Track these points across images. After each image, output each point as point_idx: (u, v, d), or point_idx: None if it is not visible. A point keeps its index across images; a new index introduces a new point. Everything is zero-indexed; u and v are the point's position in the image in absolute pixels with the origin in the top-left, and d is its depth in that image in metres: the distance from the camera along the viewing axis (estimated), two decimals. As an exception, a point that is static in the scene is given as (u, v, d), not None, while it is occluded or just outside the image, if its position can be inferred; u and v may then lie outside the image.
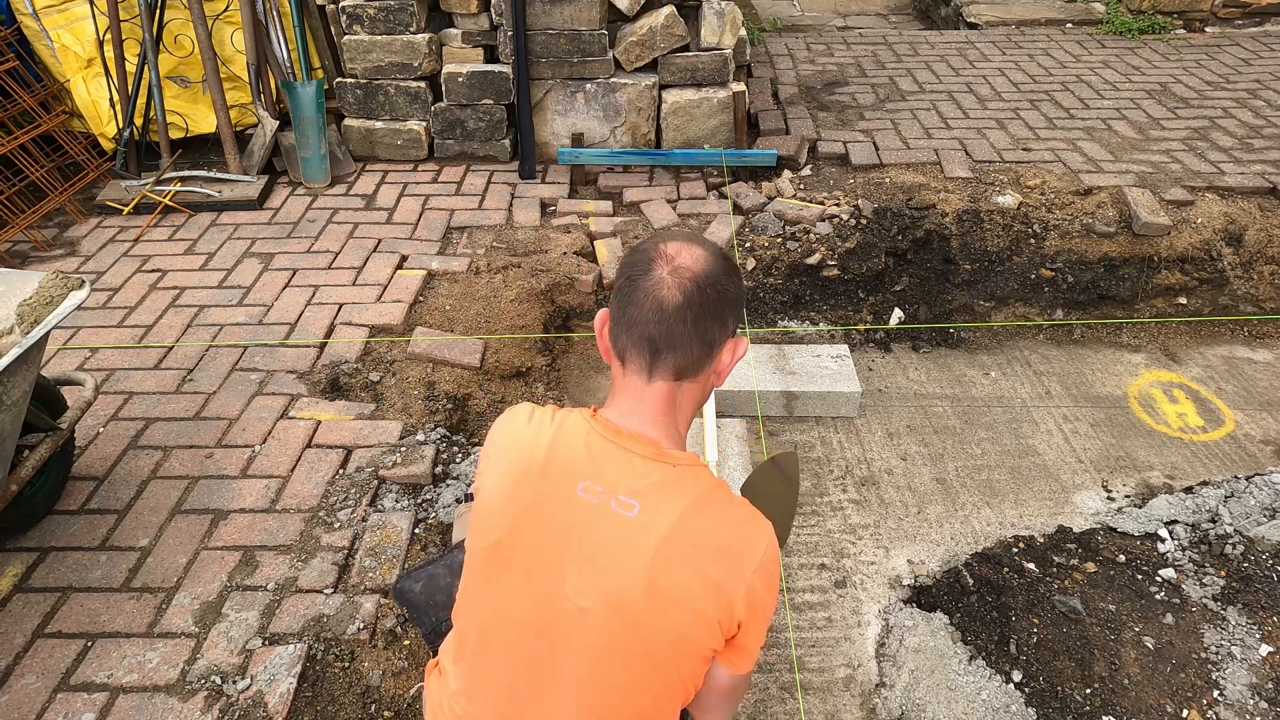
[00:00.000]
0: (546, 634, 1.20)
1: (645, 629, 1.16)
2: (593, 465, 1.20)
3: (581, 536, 1.18)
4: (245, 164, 4.31)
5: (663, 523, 1.16)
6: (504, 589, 1.23)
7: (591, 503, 1.18)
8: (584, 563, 1.17)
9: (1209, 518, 2.75)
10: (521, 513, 1.21)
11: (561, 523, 1.19)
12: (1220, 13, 6.17)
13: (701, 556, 1.16)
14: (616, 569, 1.16)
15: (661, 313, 1.17)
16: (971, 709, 2.35)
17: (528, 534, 1.21)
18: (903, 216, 3.94)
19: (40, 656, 2.10)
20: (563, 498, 1.20)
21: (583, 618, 1.17)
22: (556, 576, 1.19)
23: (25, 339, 2.06)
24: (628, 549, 1.16)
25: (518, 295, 3.49)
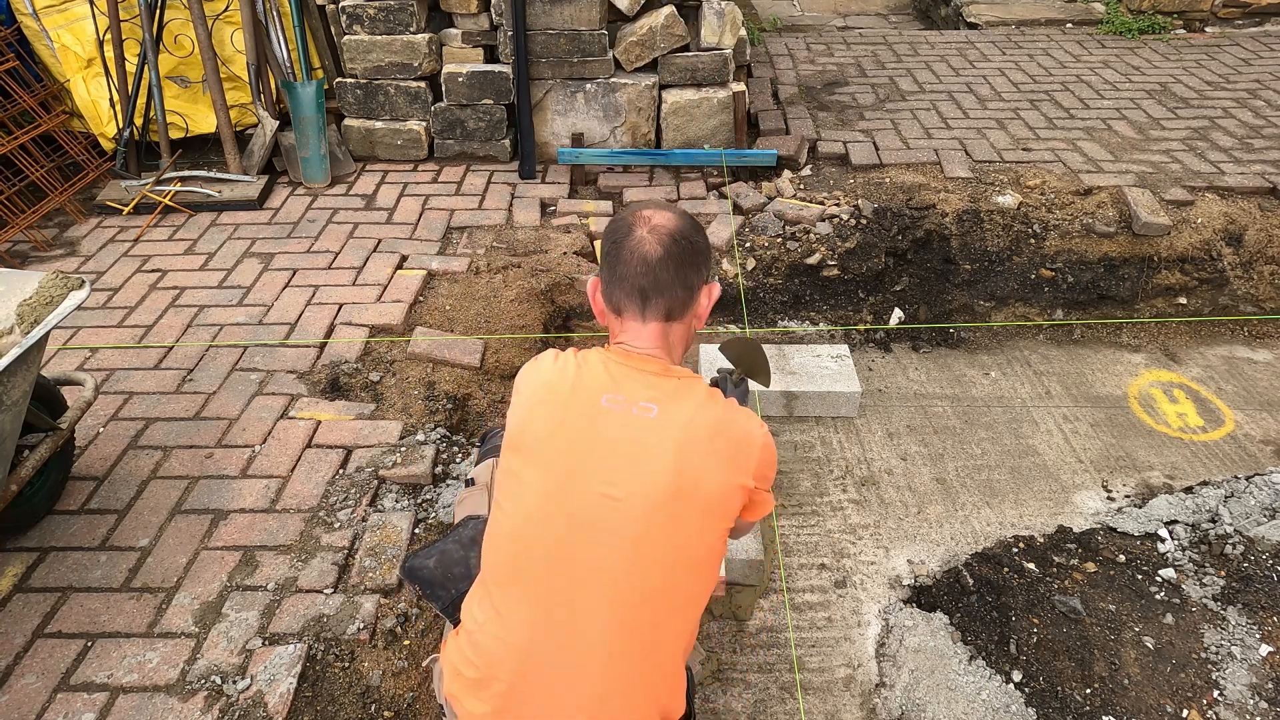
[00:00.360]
0: (580, 527, 1.34)
1: (678, 507, 1.34)
2: (613, 382, 1.41)
3: (609, 438, 1.36)
4: (245, 164, 4.31)
5: (680, 420, 1.37)
6: (538, 493, 1.37)
7: (615, 410, 1.38)
8: (615, 459, 1.35)
9: (1209, 518, 2.75)
10: (552, 425, 1.39)
11: (589, 428, 1.38)
12: (1220, 13, 6.17)
13: (716, 442, 1.38)
14: (647, 460, 1.34)
15: (647, 265, 1.41)
16: (971, 709, 2.35)
17: (558, 441, 1.38)
18: (903, 216, 3.94)
19: (40, 656, 2.10)
20: (589, 408, 1.39)
21: (617, 507, 1.33)
22: (588, 474, 1.35)
23: (25, 339, 2.06)
24: (655, 443, 1.35)
25: (518, 295, 3.49)
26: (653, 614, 1.35)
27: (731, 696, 2.46)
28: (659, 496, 1.33)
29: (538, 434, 1.40)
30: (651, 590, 1.34)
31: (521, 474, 1.40)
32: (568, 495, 1.35)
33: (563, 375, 1.44)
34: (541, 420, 1.41)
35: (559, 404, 1.41)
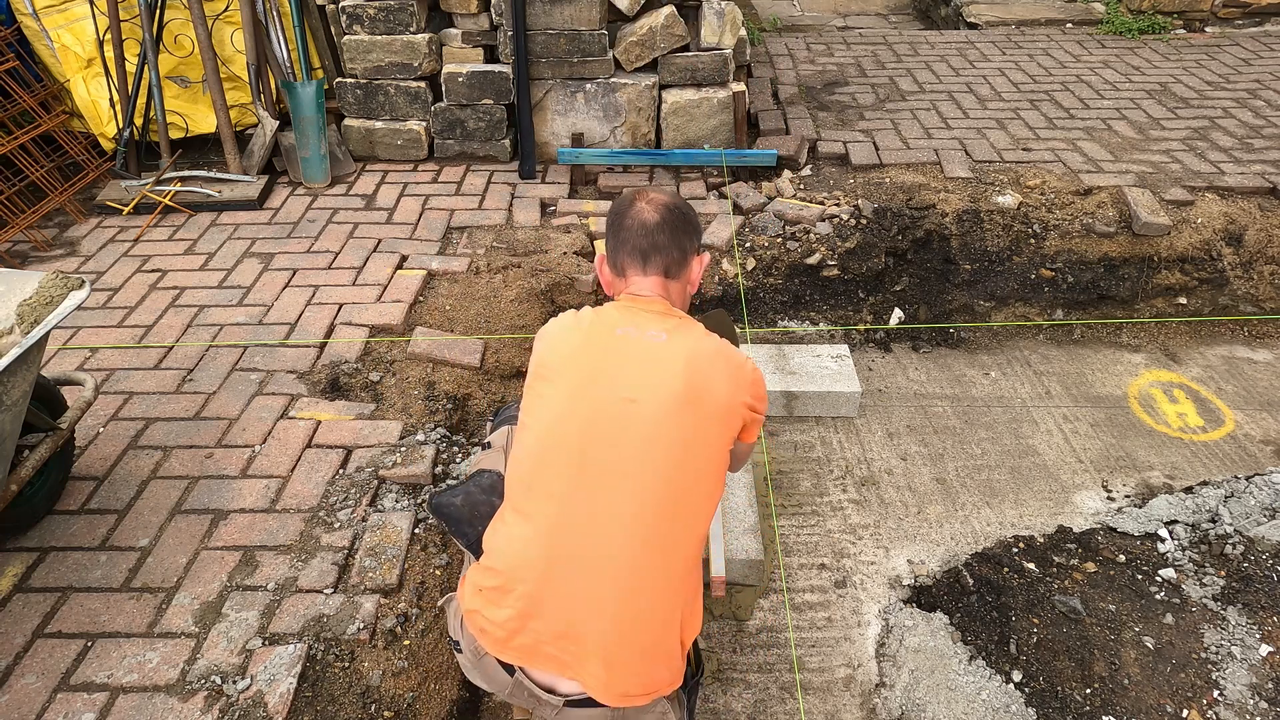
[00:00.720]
0: (601, 426, 1.51)
1: (689, 410, 1.53)
2: (625, 318, 1.64)
3: (624, 357, 1.57)
4: (245, 164, 4.31)
5: (687, 343, 1.60)
6: (561, 400, 1.56)
7: (630, 336, 1.60)
8: (631, 372, 1.55)
9: (1209, 518, 2.75)
10: (573, 349, 1.61)
11: (606, 350, 1.59)
12: (1220, 13, 6.17)
13: (718, 361, 1.60)
14: (661, 372, 1.55)
15: (646, 229, 1.68)
16: (971, 709, 2.35)
17: (579, 361, 1.59)
18: (903, 216, 3.94)
19: (40, 656, 2.10)
20: (605, 336, 1.61)
21: (634, 409, 1.51)
22: (606, 382, 1.54)
23: (25, 339, 2.06)
24: (666, 360, 1.56)
25: (518, 295, 3.49)
26: (669, 507, 1.49)
27: (731, 696, 2.46)
28: (672, 399, 1.51)
29: (560, 358, 1.60)
30: (666, 483, 1.49)
31: (544, 391, 1.58)
32: (589, 400, 1.53)
33: (579, 317, 1.67)
34: (563, 348, 1.62)
35: (578, 336, 1.63)
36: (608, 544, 1.46)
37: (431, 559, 2.42)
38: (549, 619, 1.46)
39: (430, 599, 2.34)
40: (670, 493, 1.49)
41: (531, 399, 1.61)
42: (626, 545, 1.46)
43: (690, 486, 1.52)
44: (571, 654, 1.46)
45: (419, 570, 2.38)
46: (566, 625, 1.45)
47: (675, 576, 1.51)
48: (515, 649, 1.48)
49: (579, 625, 1.45)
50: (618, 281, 1.74)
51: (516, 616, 1.47)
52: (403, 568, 2.35)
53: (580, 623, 1.45)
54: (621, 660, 1.45)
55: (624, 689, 1.46)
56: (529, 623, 1.47)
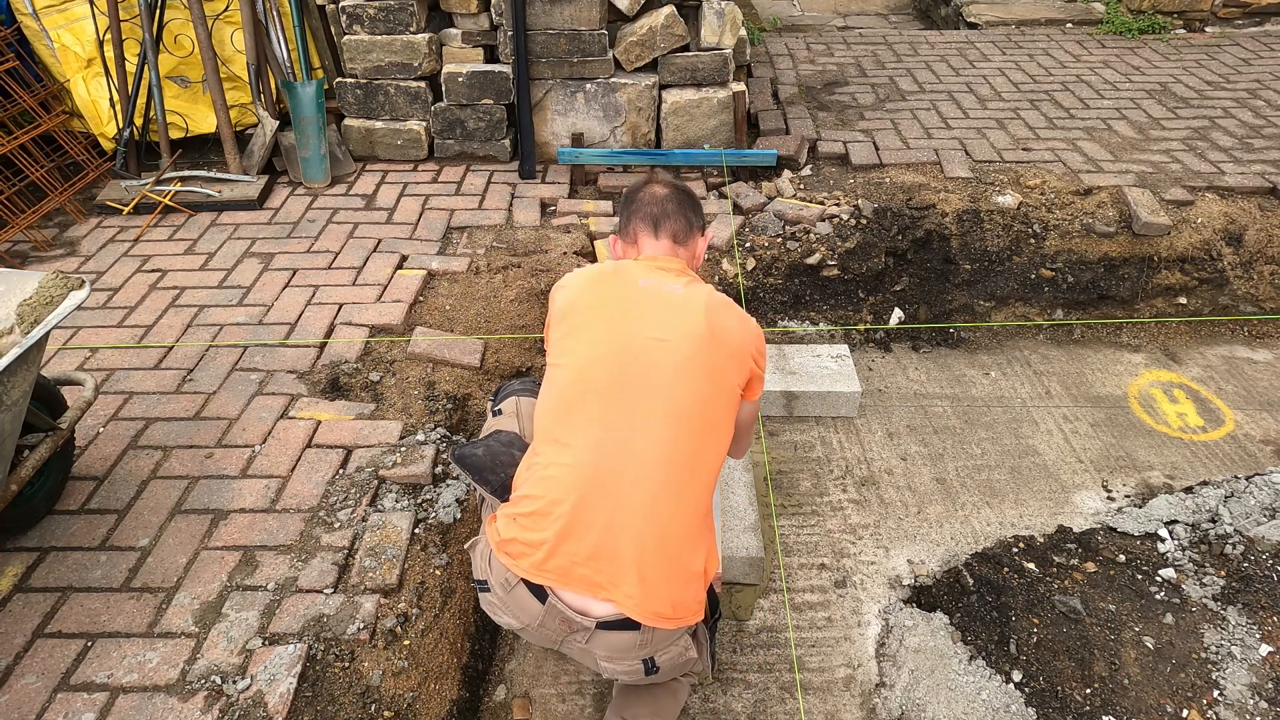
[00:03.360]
0: (635, 359, 1.65)
1: (712, 346, 1.69)
2: (644, 273, 1.79)
3: (648, 304, 1.72)
4: (245, 164, 4.31)
5: (703, 293, 1.77)
6: (591, 341, 1.69)
7: (650, 288, 1.75)
8: (656, 315, 1.70)
9: (1209, 518, 2.75)
10: (599, 297, 1.76)
11: (630, 298, 1.74)
12: (1220, 13, 6.17)
13: (730, 313, 1.78)
14: (684, 316, 1.71)
15: (656, 199, 1.92)
16: (971, 709, 2.35)
17: (607, 306, 1.73)
18: (903, 216, 3.94)
19: (40, 656, 2.10)
20: (629, 285, 1.76)
21: (663, 345, 1.66)
22: (636, 323, 1.69)
23: (25, 339, 2.06)
24: (688, 306, 1.73)
25: (518, 295, 3.49)
26: (697, 434, 1.64)
27: (731, 696, 2.46)
28: (697, 338, 1.67)
29: (588, 304, 1.74)
30: (696, 413, 1.63)
31: (576, 331, 1.71)
32: (621, 337, 1.67)
33: (601, 269, 1.82)
34: (589, 295, 1.76)
35: (602, 286, 1.77)
36: (642, 464, 1.58)
37: (431, 559, 2.42)
38: (585, 539, 1.55)
39: (430, 599, 2.34)
40: (698, 423, 1.64)
41: (562, 340, 1.73)
42: (660, 466, 1.58)
43: (714, 420, 1.67)
44: (605, 575, 1.55)
45: (419, 570, 2.38)
46: (602, 543, 1.55)
47: (700, 501, 1.64)
48: (551, 570, 1.56)
49: (616, 540, 1.54)
50: (630, 249, 1.93)
51: (555, 536, 1.56)
52: (403, 568, 2.35)
53: (616, 538, 1.54)
54: (655, 574, 1.55)
55: (656, 607, 1.56)
56: (564, 544, 1.55)
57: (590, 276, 1.81)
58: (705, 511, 1.66)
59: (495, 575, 1.66)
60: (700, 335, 1.67)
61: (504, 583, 1.63)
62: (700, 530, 1.64)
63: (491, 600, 1.71)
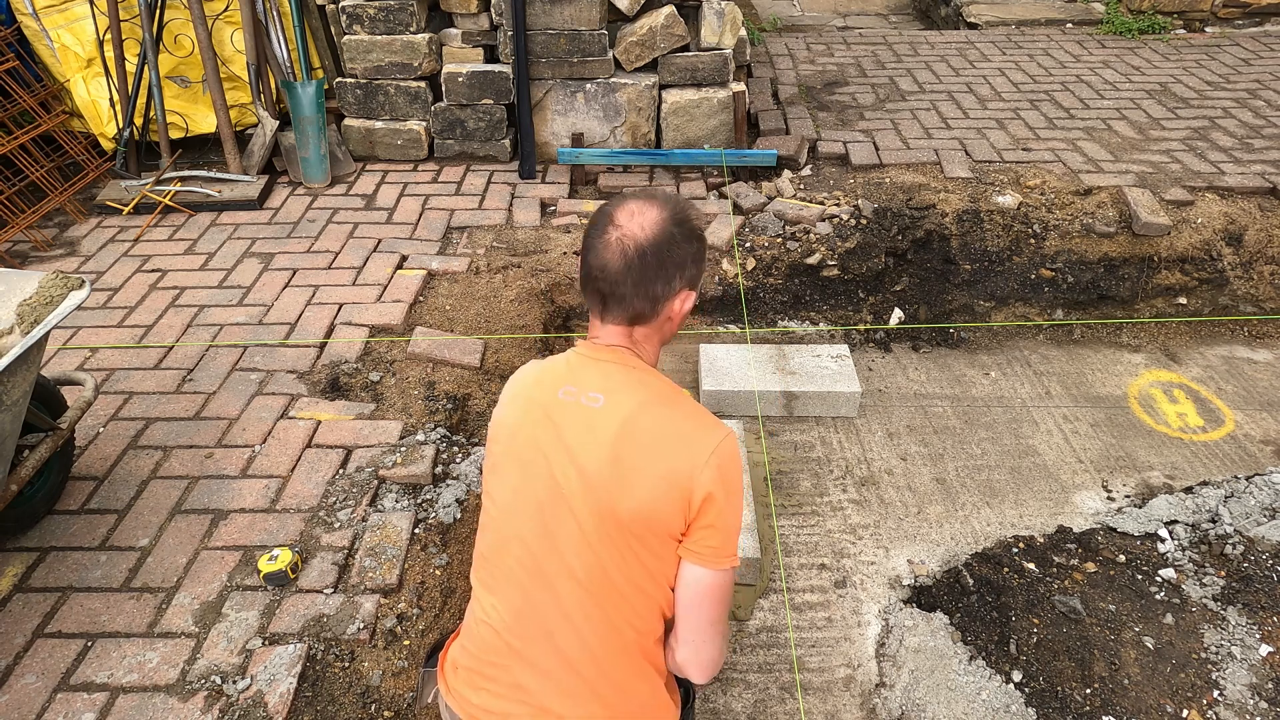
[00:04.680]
0: (546, 513, 1.35)
1: (615, 502, 1.30)
2: (570, 375, 1.40)
3: (561, 428, 1.35)
4: (245, 164, 4.31)
5: (623, 410, 1.33)
6: (508, 484, 1.40)
7: (567, 401, 1.37)
8: (564, 448, 1.34)
9: (1209, 518, 2.75)
10: (517, 418, 1.42)
11: (545, 420, 1.37)
12: (1220, 13, 6.17)
13: (658, 440, 1.31)
14: (586, 449, 1.32)
15: (605, 272, 1.33)
16: (971, 709, 2.35)
17: (522, 435, 1.40)
18: (903, 216, 3.94)
19: (40, 656, 2.10)
20: (547, 401, 1.39)
21: (568, 496, 1.33)
22: (546, 464, 1.35)
23: (25, 339, 2.06)
24: (595, 431, 1.33)
25: (518, 295, 3.49)
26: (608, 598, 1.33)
27: (731, 696, 2.46)
28: (601, 489, 1.30)
29: (508, 428, 1.43)
30: (596, 575, 1.32)
31: (497, 466, 1.44)
32: (530, 485, 1.37)
33: (529, 374, 1.47)
34: (510, 415, 1.44)
35: (524, 397, 1.43)
36: (561, 634, 1.35)
37: (431, 559, 2.42)
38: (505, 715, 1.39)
39: (430, 599, 2.34)
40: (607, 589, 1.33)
41: (488, 472, 1.47)
42: (577, 637, 1.34)
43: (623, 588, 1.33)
44: None
45: (419, 570, 2.38)
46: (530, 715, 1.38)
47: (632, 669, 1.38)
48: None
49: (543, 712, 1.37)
50: None
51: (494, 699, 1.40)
52: (403, 568, 2.35)
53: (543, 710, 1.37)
54: None
55: None
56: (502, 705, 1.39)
57: (519, 381, 1.47)
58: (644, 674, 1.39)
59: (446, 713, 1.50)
60: (602, 479, 1.30)
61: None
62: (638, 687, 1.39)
63: None
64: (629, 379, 1.36)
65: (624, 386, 1.35)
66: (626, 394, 1.34)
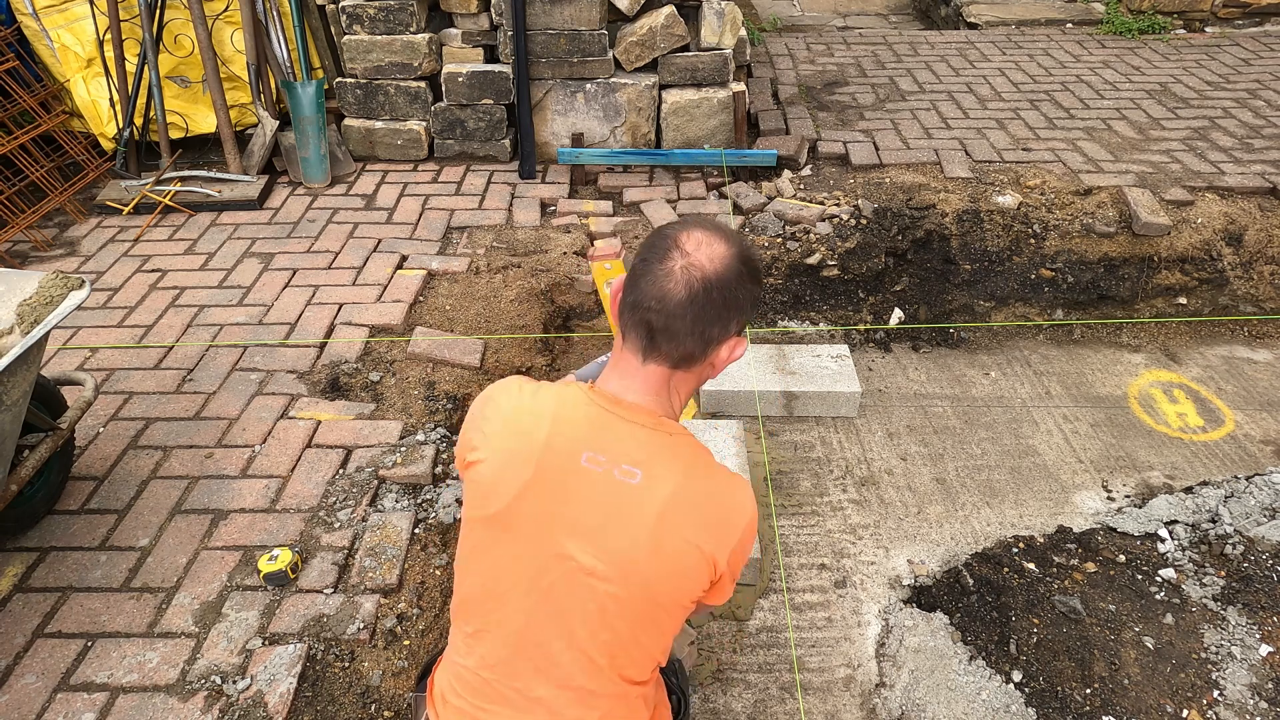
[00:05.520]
0: (551, 592, 1.25)
1: (650, 585, 1.24)
2: (595, 436, 1.25)
3: (587, 502, 1.23)
4: (245, 164, 4.31)
5: (664, 490, 1.23)
6: (507, 553, 1.27)
7: (596, 472, 1.24)
8: (591, 526, 1.23)
9: (1209, 518, 2.75)
10: (525, 482, 1.25)
11: (566, 489, 1.24)
12: (1220, 13, 6.17)
13: (698, 521, 1.24)
14: (624, 531, 1.22)
15: (664, 304, 1.19)
16: (971, 709, 2.35)
17: (531, 501, 1.25)
18: (903, 216, 3.94)
19: (40, 656, 2.10)
20: (568, 467, 1.24)
21: (589, 576, 1.23)
22: (561, 539, 1.24)
23: (25, 339, 2.06)
24: (634, 513, 1.22)
25: (518, 295, 3.49)
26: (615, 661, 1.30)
27: (731, 696, 2.46)
28: (633, 569, 1.23)
29: (508, 492, 1.26)
30: (615, 645, 1.28)
31: (486, 537, 1.30)
32: (541, 557, 1.25)
33: (537, 422, 1.27)
34: (512, 478, 1.26)
35: (533, 458, 1.25)
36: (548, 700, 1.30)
37: (431, 559, 2.42)
38: None
39: (430, 599, 2.34)
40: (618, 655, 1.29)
41: (476, 535, 1.31)
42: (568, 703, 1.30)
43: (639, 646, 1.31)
44: None
45: (419, 570, 2.38)
46: None
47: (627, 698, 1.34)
48: None
49: None
50: (618, 337, 1.31)
51: None
52: (403, 568, 2.35)
53: None
54: None
55: None
56: None
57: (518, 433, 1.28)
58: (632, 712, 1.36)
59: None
60: (640, 563, 1.22)
61: None
62: None
63: None
64: (664, 447, 1.26)
65: (660, 457, 1.25)
66: (664, 467, 1.24)
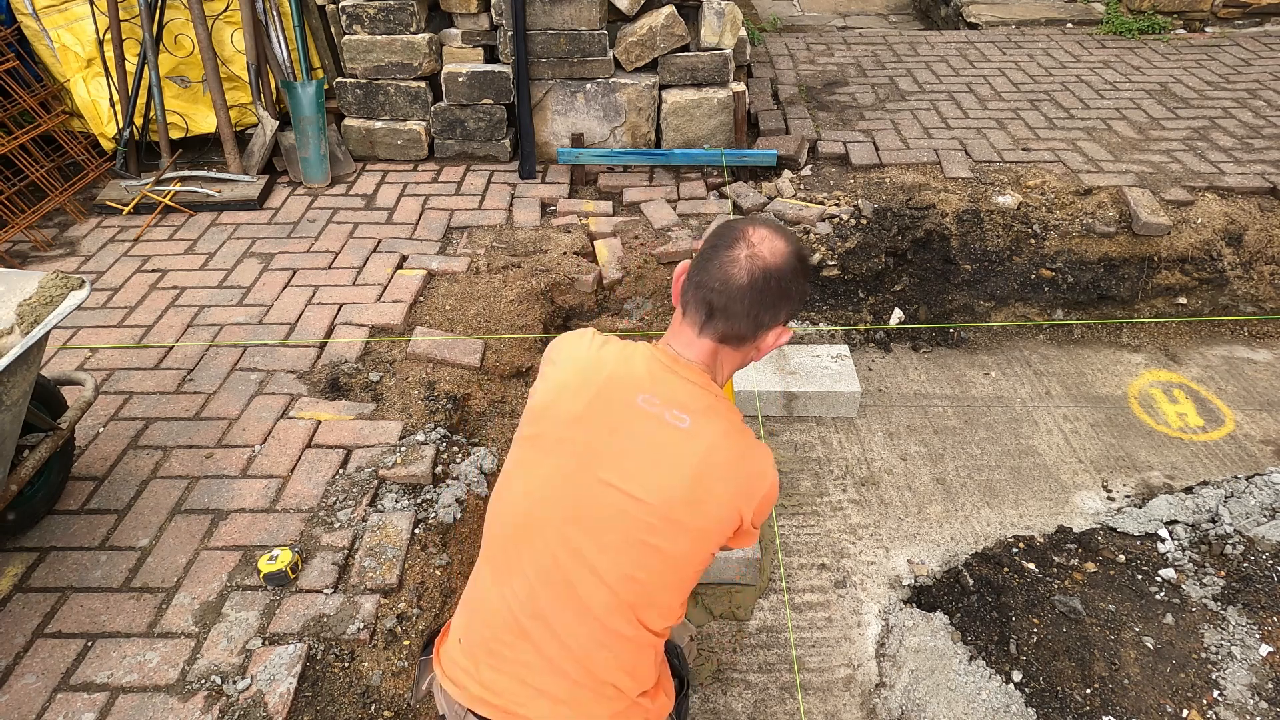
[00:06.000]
0: (591, 512, 1.38)
1: (684, 523, 1.37)
2: (653, 383, 1.41)
3: (636, 436, 1.38)
4: (245, 164, 4.31)
5: (708, 438, 1.38)
6: (555, 472, 1.40)
7: (649, 411, 1.39)
8: (638, 459, 1.37)
9: (1209, 518, 2.76)
10: (579, 410, 1.41)
11: (619, 424, 1.39)
12: (1220, 13, 6.17)
13: (731, 473, 1.39)
14: (668, 469, 1.36)
15: (726, 286, 1.37)
16: (971, 709, 2.35)
17: (583, 429, 1.40)
18: (903, 216, 3.94)
19: (40, 656, 2.10)
20: (624, 402, 1.40)
21: (633, 503, 1.36)
22: (607, 466, 1.37)
23: (25, 339, 2.06)
24: (679, 455, 1.37)
25: (518, 295, 3.49)
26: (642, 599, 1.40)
27: (731, 696, 2.46)
28: (671, 505, 1.35)
29: (564, 416, 1.42)
30: (641, 582, 1.38)
31: (542, 450, 1.43)
32: (585, 481, 1.38)
33: (600, 363, 1.45)
34: (569, 403, 1.42)
35: (590, 391, 1.42)
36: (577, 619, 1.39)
37: (431, 559, 2.42)
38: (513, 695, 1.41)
39: (430, 599, 2.34)
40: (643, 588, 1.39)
41: (527, 451, 1.45)
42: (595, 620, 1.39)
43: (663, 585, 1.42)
44: None
45: (419, 570, 2.38)
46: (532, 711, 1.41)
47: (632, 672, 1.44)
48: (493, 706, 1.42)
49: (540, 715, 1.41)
50: (678, 311, 1.48)
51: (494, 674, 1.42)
52: (403, 568, 2.35)
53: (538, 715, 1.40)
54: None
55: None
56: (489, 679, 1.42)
57: (581, 370, 1.45)
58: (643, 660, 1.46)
59: (448, 709, 1.51)
60: (677, 501, 1.35)
61: (457, 713, 1.48)
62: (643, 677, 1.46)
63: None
64: (710, 405, 1.41)
65: (706, 413, 1.40)
66: (708, 421, 1.39)
